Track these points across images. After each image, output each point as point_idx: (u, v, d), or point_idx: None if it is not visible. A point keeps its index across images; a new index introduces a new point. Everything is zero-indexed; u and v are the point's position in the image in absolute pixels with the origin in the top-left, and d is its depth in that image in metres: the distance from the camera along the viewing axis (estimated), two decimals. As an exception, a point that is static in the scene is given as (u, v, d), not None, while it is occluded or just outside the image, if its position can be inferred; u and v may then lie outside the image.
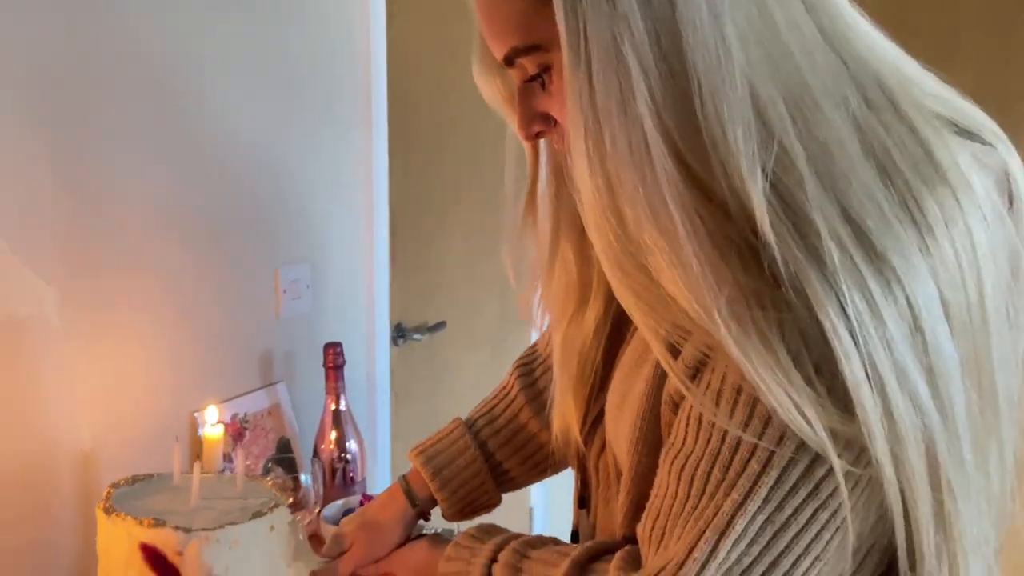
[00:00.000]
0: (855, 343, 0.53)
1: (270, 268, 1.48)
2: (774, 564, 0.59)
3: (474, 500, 1.01)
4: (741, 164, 0.53)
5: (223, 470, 1.25)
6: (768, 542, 0.59)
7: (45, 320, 1.09)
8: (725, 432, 0.59)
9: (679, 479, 0.63)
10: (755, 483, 0.58)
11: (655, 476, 0.68)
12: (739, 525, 0.59)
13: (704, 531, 0.60)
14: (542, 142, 0.74)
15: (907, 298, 0.55)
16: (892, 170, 0.57)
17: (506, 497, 2.06)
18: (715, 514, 0.60)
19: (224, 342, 1.39)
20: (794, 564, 0.59)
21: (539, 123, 0.67)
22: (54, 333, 1.10)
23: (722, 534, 0.59)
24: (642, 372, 0.71)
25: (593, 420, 0.83)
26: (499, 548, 0.79)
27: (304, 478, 1.28)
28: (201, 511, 0.89)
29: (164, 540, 0.81)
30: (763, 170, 0.53)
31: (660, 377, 0.68)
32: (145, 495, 0.92)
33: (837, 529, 0.59)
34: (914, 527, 0.58)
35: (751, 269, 0.55)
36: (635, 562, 0.68)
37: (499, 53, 0.65)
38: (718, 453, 0.60)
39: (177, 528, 0.82)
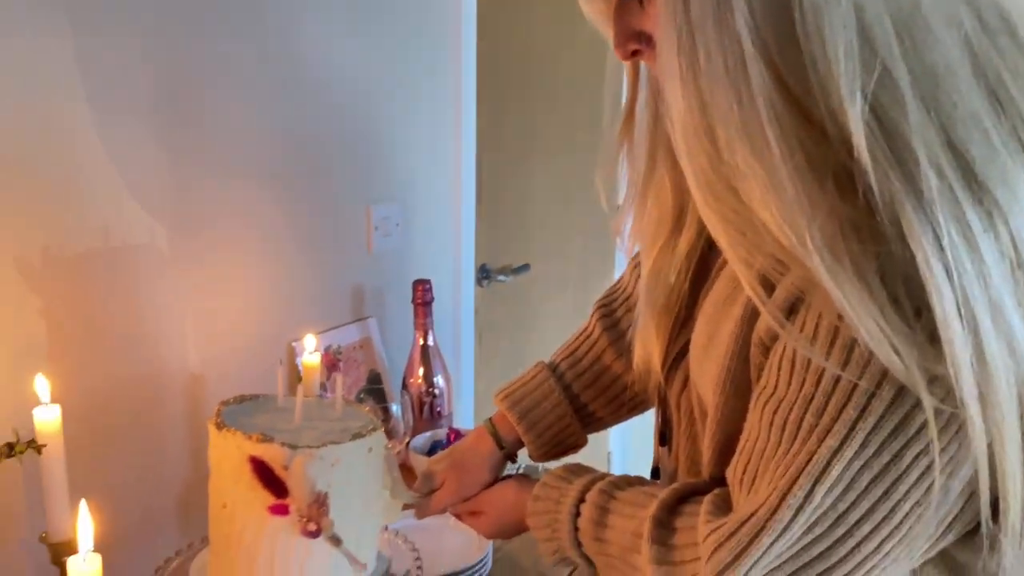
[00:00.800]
0: (948, 277, 0.51)
1: (362, 205, 1.51)
2: (871, 511, 0.58)
3: (560, 441, 1.02)
4: (840, 84, 0.51)
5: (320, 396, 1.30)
6: (866, 487, 0.58)
7: (157, 250, 1.15)
8: (820, 376, 0.58)
9: (771, 424, 0.62)
10: (852, 428, 0.57)
11: (742, 418, 0.67)
12: (835, 471, 0.58)
13: (798, 477, 0.59)
14: (643, 64, 0.72)
15: (1010, 234, 0.52)
16: (1004, 97, 0.53)
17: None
18: (808, 460, 0.59)
19: (319, 276, 1.44)
20: (891, 511, 0.58)
21: (635, 41, 0.65)
22: (165, 263, 1.16)
23: (817, 480, 0.58)
24: (731, 312, 0.70)
25: (676, 356, 0.82)
26: (586, 488, 0.79)
27: (395, 408, 1.32)
28: (304, 430, 0.93)
29: (271, 455, 0.85)
30: (863, 92, 0.51)
31: (750, 318, 0.66)
32: (251, 414, 0.96)
33: (935, 477, 0.56)
34: (1000, 474, 0.56)
35: (847, 196, 0.53)
36: (725, 506, 0.67)
37: None
38: (812, 398, 0.59)
39: (284, 444, 0.86)
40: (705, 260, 0.79)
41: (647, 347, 0.83)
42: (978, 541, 0.60)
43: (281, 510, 0.86)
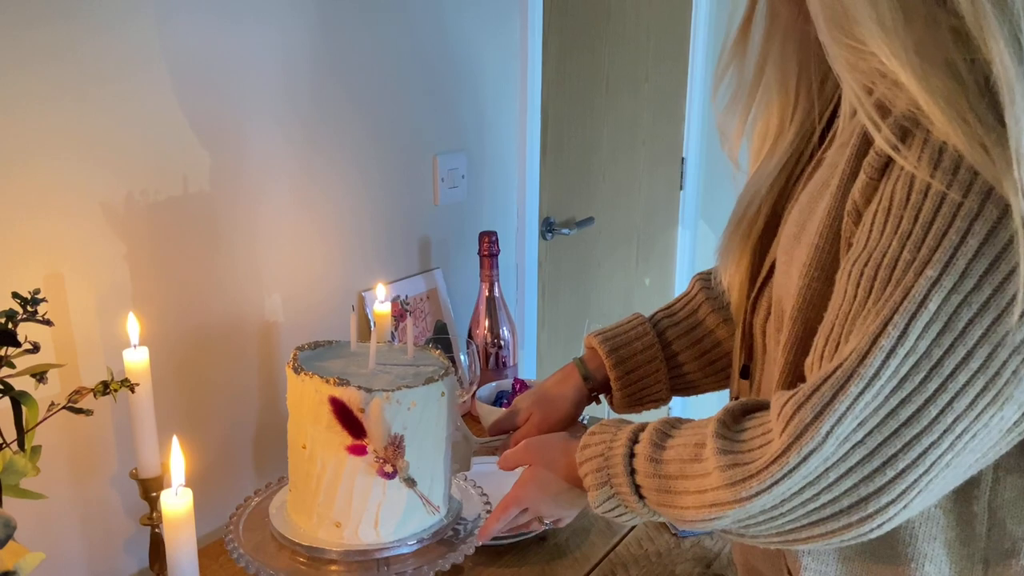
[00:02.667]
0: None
1: (429, 156, 1.52)
2: (967, 357, 0.56)
3: (645, 388, 1.02)
4: None
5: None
6: (963, 329, 0.56)
7: (234, 201, 1.17)
8: (919, 210, 0.58)
9: (859, 280, 0.61)
10: (953, 255, 0.55)
11: (824, 305, 0.67)
12: (932, 305, 0.56)
13: (892, 316, 0.57)
14: None
15: None
16: None
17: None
18: (904, 297, 0.57)
19: (387, 227, 1.45)
20: (988, 358, 0.56)
21: None
22: (241, 213, 1.18)
23: (913, 316, 0.56)
24: (824, 196, 0.70)
25: (762, 283, 0.82)
26: (641, 428, 0.79)
27: (462, 358, 1.33)
28: (378, 375, 0.94)
29: (349, 397, 0.87)
30: None
31: (845, 186, 0.66)
32: (326, 359, 0.99)
33: None
34: None
35: (942, 15, 0.57)
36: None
37: None
38: (909, 235, 0.58)
39: (360, 388, 0.88)
40: (792, 180, 0.81)
41: (736, 263, 0.85)
42: None
43: (359, 450, 0.89)
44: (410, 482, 0.91)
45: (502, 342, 1.55)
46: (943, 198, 0.57)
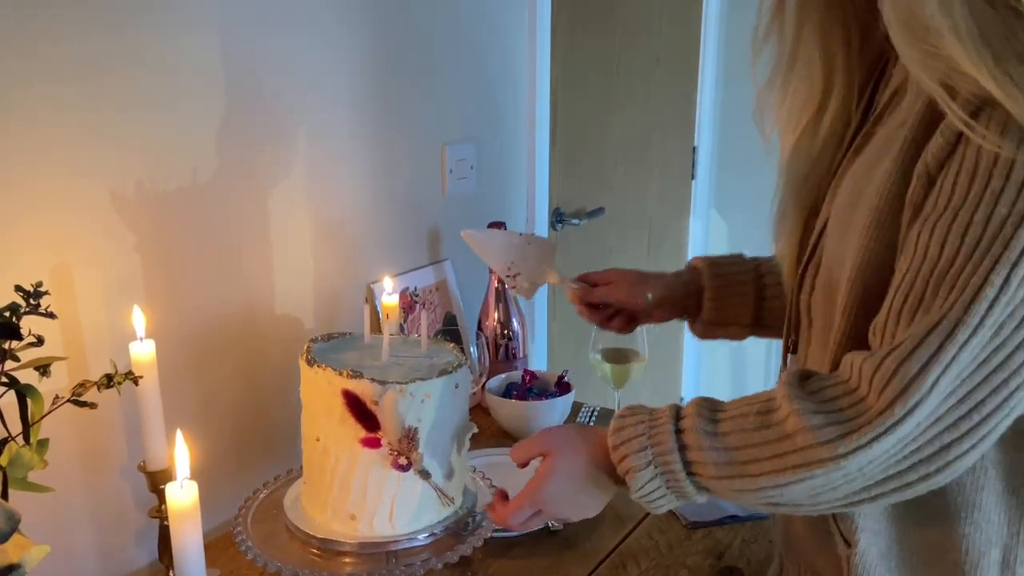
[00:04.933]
0: None
1: (438, 145, 1.51)
2: None
3: (733, 308, 1.02)
4: None
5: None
6: None
7: (243, 191, 1.17)
8: (1010, 168, 0.60)
9: (945, 239, 0.62)
10: None
11: (884, 270, 0.68)
12: None
13: (994, 266, 0.60)
14: None
15: None
16: None
17: (655, 390, 2.07)
18: (1004, 248, 0.60)
19: (396, 219, 1.44)
20: None
21: None
22: (250, 204, 1.18)
23: (1014, 266, 0.60)
24: (883, 164, 0.71)
25: (808, 259, 0.82)
26: (677, 407, 0.76)
27: (472, 350, 1.32)
28: (392, 367, 0.94)
29: (362, 389, 0.87)
30: None
31: (908, 153, 0.68)
32: (341, 351, 0.98)
33: None
34: None
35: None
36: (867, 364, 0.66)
37: None
38: (1001, 191, 0.60)
39: (373, 380, 0.87)
40: (843, 146, 0.81)
41: (790, 236, 0.85)
42: None
43: (373, 443, 0.88)
44: (424, 474, 0.90)
45: (512, 333, 1.54)
46: None
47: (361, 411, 0.87)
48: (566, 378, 1.46)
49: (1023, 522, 0.72)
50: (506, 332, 1.53)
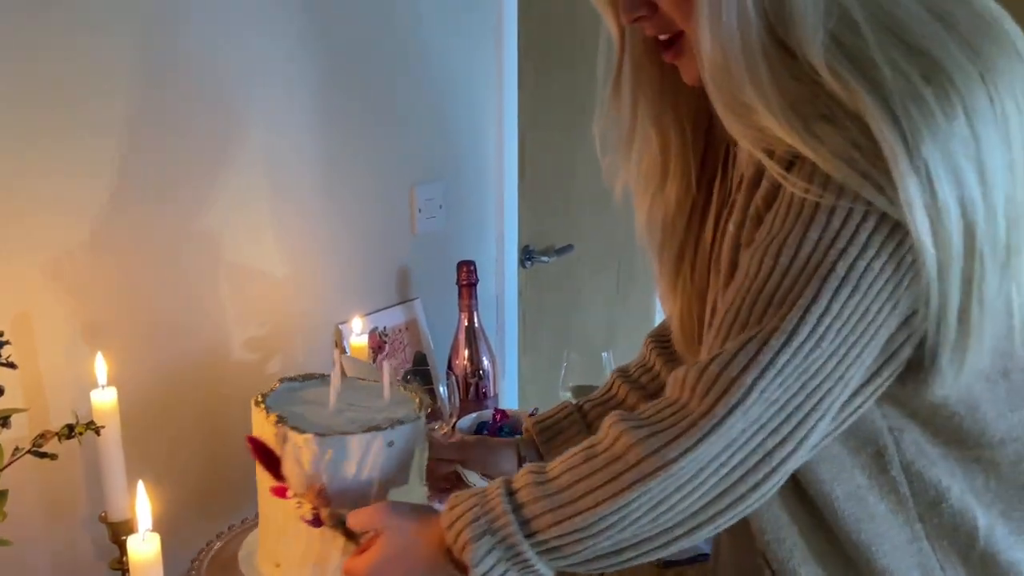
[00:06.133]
0: (904, 143, 0.63)
1: (406, 187, 1.51)
2: (867, 311, 0.67)
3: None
4: (807, 24, 0.66)
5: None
6: (866, 290, 0.66)
7: (206, 235, 1.16)
8: (817, 203, 0.67)
9: (765, 260, 0.69)
10: (855, 233, 0.66)
11: None
12: (840, 270, 0.66)
13: (809, 281, 0.67)
14: (628, 36, 0.84)
15: (963, 105, 0.64)
16: (950, 20, 0.67)
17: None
18: (817, 267, 0.67)
19: (364, 258, 1.44)
20: (885, 310, 0.67)
21: (643, 7, 0.77)
22: (214, 247, 1.17)
23: (825, 280, 0.66)
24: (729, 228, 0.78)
25: (709, 321, 0.83)
26: (507, 478, 0.75)
27: (441, 390, 1.32)
28: (338, 415, 0.90)
29: (267, 438, 0.85)
30: (824, 27, 0.66)
31: (745, 204, 0.76)
32: (303, 392, 0.96)
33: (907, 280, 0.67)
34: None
35: (823, 99, 0.67)
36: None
37: None
38: (811, 219, 0.68)
39: (290, 427, 0.84)
40: (698, 211, 0.88)
41: (671, 300, 0.91)
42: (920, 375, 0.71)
43: (281, 492, 0.86)
44: (348, 533, 0.84)
45: (482, 372, 1.53)
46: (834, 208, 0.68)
47: (268, 459, 0.85)
48: (536, 416, 1.46)
49: (916, 534, 0.76)
50: (477, 371, 1.53)
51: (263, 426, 0.88)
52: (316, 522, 0.84)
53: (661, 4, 0.76)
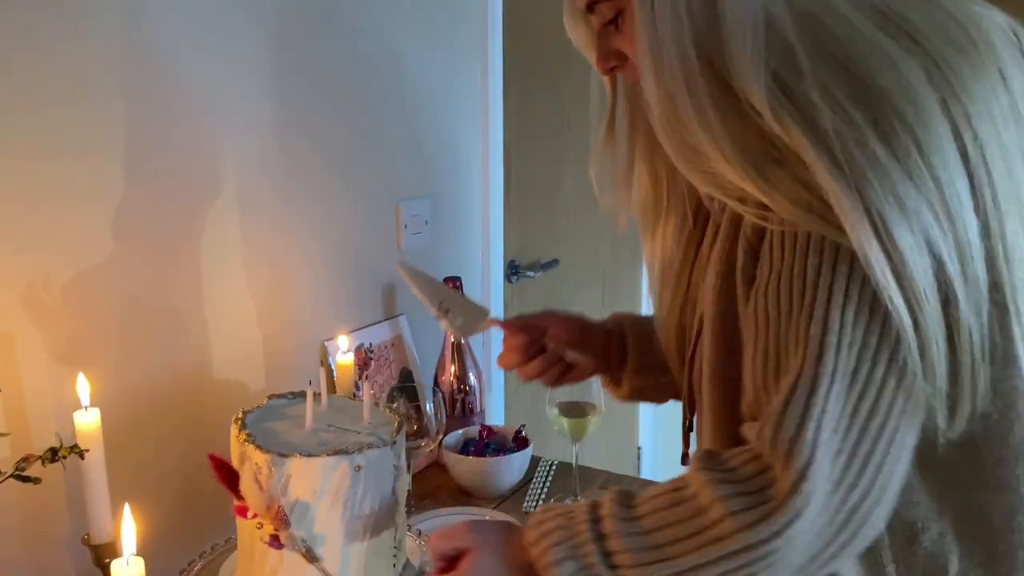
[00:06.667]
0: (851, 193, 0.62)
1: (392, 203, 1.51)
2: (886, 329, 0.65)
3: (654, 352, 0.99)
4: (750, 66, 0.66)
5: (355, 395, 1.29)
6: (873, 308, 0.64)
7: (191, 253, 1.15)
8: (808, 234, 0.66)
9: (777, 299, 0.68)
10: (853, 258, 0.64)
11: (734, 327, 0.73)
12: (854, 290, 0.65)
13: (825, 313, 0.64)
14: (619, 79, 0.87)
15: (915, 144, 0.63)
16: (914, 36, 0.66)
17: (614, 439, 2.06)
18: (829, 294, 0.64)
19: (350, 275, 1.44)
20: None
21: (614, 59, 0.80)
22: (198, 265, 1.17)
23: (843, 308, 0.64)
24: (719, 247, 0.78)
25: (695, 341, 0.84)
26: (595, 501, 0.75)
27: (427, 407, 1.31)
28: (314, 435, 0.90)
29: (242, 453, 0.84)
30: (767, 67, 0.66)
31: (732, 236, 0.75)
32: (287, 409, 0.96)
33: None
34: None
35: (770, 143, 0.67)
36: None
37: (582, 2, 0.79)
38: (808, 246, 0.66)
39: (257, 447, 0.84)
40: (694, 243, 0.88)
41: (666, 328, 0.91)
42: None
43: (242, 511, 0.85)
44: (310, 556, 0.84)
45: (469, 388, 1.53)
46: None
47: (229, 478, 0.84)
48: (523, 432, 1.46)
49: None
50: (463, 387, 1.53)
51: (236, 442, 0.87)
52: (275, 543, 0.83)
53: (627, 51, 0.78)
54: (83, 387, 0.94)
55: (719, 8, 0.67)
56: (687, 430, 0.90)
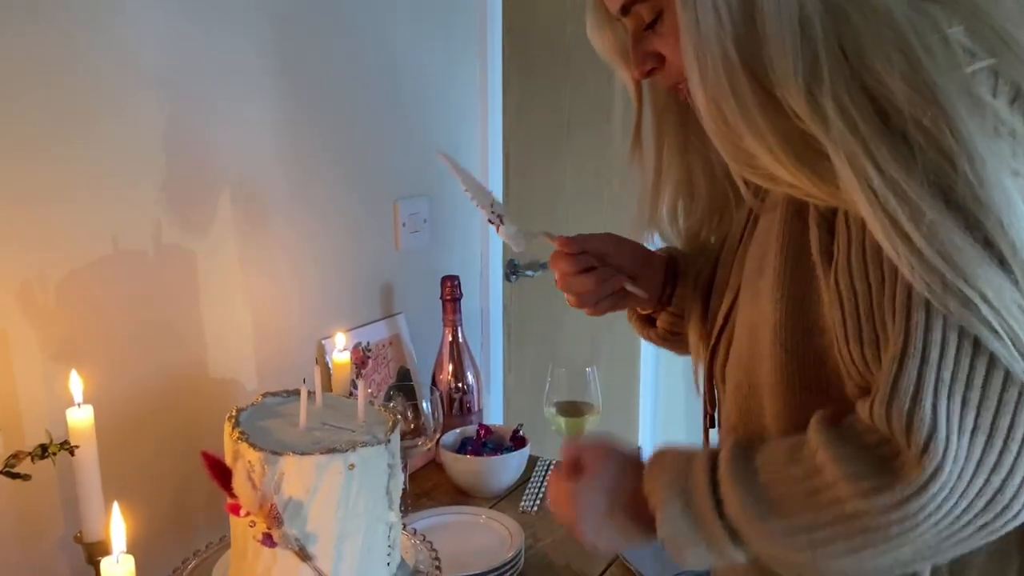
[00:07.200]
0: (863, 190, 0.62)
1: (390, 202, 1.51)
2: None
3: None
4: (788, 72, 0.67)
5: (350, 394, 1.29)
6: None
7: (187, 251, 1.15)
8: None
9: (865, 272, 0.66)
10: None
11: (800, 327, 0.72)
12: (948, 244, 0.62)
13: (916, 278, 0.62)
14: (644, 87, 0.87)
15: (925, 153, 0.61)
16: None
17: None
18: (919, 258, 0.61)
19: (348, 274, 1.43)
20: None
21: (651, 60, 0.79)
22: (194, 263, 1.16)
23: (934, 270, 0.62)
24: (773, 230, 0.76)
25: (723, 325, 0.84)
26: (715, 450, 0.74)
27: (425, 406, 1.31)
28: (309, 433, 0.89)
29: (235, 451, 0.84)
30: (795, 73, 0.66)
31: (796, 211, 0.74)
32: (281, 407, 0.95)
33: None
34: None
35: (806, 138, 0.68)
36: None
37: (616, 5, 0.78)
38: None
39: (250, 445, 0.83)
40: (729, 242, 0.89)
41: (698, 318, 0.92)
42: None
43: (235, 509, 0.85)
44: (303, 555, 0.83)
45: (466, 387, 1.53)
46: None
47: (222, 475, 0.84)
48: (521, 432, 1.45)
49: None
50: (461, 386, 1.52)
51: (229, 440, 0.87)
52: (268, 542, 0.83)
53: (666, 53, 0.77)
54: (76, 383, 0.94)
55: (756, 9, 0.68)
56: (707, 424, 0.89)
